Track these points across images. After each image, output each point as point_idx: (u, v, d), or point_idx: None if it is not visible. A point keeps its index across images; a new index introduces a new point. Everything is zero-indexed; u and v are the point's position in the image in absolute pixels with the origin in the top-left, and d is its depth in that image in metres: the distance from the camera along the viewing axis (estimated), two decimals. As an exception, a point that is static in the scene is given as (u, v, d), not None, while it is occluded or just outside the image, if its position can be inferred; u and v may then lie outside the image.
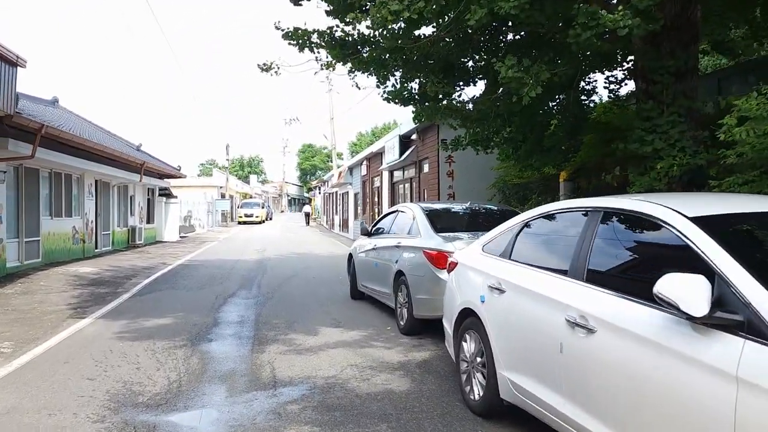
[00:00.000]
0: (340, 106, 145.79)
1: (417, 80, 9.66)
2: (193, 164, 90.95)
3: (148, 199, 25.05)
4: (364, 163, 24.72)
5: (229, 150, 52.13)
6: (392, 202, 20.00)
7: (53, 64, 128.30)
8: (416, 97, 10.04)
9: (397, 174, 19.13)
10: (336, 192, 37.27)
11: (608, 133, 10.31)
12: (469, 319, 4.57)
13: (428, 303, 6.73)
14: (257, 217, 48.54)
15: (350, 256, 10.26)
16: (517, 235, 4.32)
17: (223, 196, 48.87)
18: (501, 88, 7.66)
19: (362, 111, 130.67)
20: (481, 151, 10.32)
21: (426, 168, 15.42)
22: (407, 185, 17.85)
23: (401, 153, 16.57)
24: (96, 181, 18.35)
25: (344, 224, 33.77)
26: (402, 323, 7.30)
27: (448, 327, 5.06)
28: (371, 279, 8.84)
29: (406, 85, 9.80)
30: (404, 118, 17.91)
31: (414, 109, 10.14)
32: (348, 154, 72.65)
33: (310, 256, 19.10)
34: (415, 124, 10.64)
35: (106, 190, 19.42)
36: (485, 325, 4.20)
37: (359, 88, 9.75)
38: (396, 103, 10.05)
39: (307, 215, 51.51)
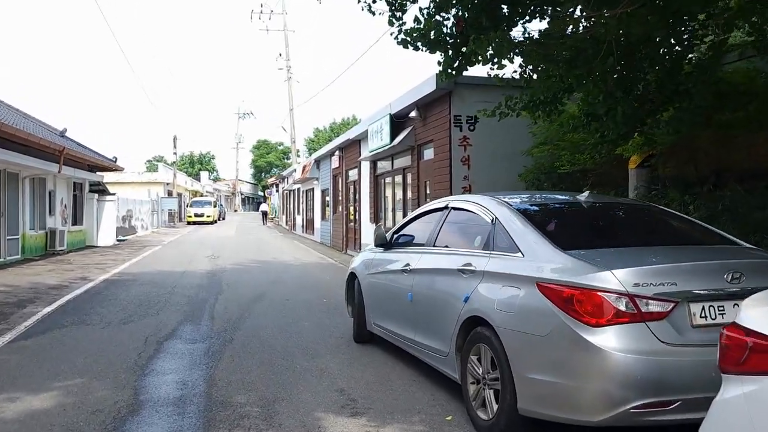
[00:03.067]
0: (299, 98, 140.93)
1: (456, 9, 6.36)
2: (140, 161, 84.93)
3: (75, 196, 20.78)
4: (336, 153, 21.15)
5: (176, 142, 47.36)
6: (375, 199, 16.55)
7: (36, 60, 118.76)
8: (449, 39, 6.74)
9: (383, 164, 15.67)
10: (298, 189, 33.50)
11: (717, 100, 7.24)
12: None
13: (554, 390, 3.38)
14: (209, 216, 44.55)
15: (351, 276, 6.82)
16: None
17: (170, 193, 44.55)
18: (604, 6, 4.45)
19: (320, 105, 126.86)
20: (540, 118, 7.12)
21: (428, 154, 12.07)
22: (398, 177, 14.41)
23: (393, 137, 13.17)
24: (-4, 171, 14.27)
25: (309, 225, 30.10)
26: (485, 418, 3.90)
27: None
28: (400, 320, 5.37)
29: (437, 17, 6.49)
30: (377, 105, 14.56)
31: (443, 59, 6.81)
32: (305, 150, 68.77)
33: (275, 264, 15.54)
34: (443, 81, 7.42)
35: (12, 183, 15.26)
36: None
37: (373, 14, 6.36)
38: (418, 47, 6.73)
39: (264, 214, 48.35)
